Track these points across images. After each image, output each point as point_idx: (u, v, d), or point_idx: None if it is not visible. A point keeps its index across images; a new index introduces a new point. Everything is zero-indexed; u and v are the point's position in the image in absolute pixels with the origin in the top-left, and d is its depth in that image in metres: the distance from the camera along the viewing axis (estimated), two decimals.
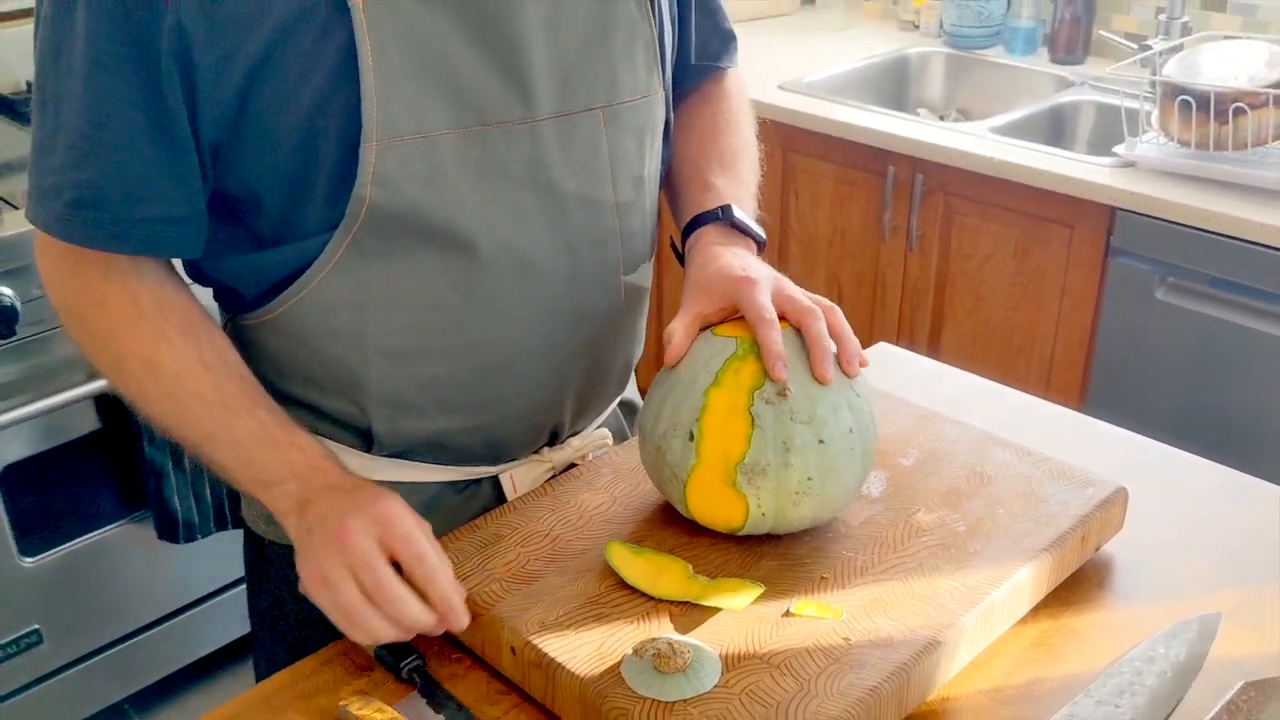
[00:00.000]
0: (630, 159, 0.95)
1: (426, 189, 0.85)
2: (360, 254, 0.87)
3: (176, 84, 0.80)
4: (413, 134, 0.83)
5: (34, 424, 1.75)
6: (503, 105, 0.86)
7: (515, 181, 0.89)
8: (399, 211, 0.85)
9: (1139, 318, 1.80)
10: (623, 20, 0.91)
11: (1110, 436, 1.14)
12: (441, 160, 0.85)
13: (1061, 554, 0.90)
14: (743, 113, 1.11)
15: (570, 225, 0.92)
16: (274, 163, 0.84)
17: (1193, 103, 1.68)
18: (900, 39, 2.53)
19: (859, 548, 0.89)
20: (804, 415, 0.85)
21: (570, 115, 0.90)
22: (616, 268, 0.97)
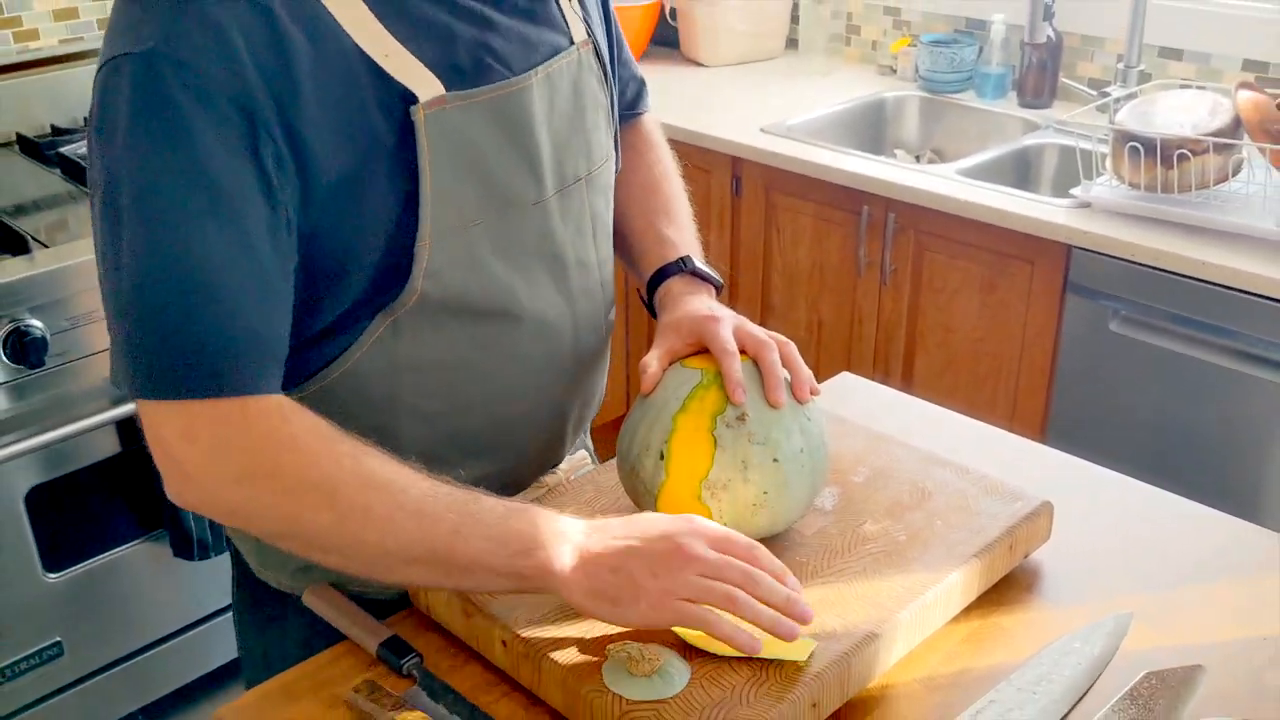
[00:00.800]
0: (603, 216, 1.08)
1: (467, 274, 0.94)
2: (396, 332, 0.94)
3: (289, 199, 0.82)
4: (455, 225, 0.92)
5: (59, 448, 1.84)
6: (522, 190, 0.97)
7: (529, 253, 0.99)
8: (443, 298, 0.93)
9: (1094, 349, 1.92)
10: (589, 95, 1.03)
11: (1046, 456, 1.25)
12: (477, 247, 0.94)
13: (990, 560, 1.01)
14: (668, 157, 1.24)
15: (570, 284, 1.04)
16: (332, 270, 0.89)
17: (1141, 148, 1.81)
18: (878, 83, 2.65)
19: (810, 554, 1.00)
20: (760, 437, 0.97)
21: (565, 189, 1.02)
22: (600, 308, 1.10)
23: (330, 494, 0.81)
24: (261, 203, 0.82)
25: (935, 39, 2.55)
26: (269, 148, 0.81)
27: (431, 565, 0.84)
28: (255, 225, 0.82)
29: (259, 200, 0.81)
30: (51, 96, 2.32)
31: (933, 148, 2.56)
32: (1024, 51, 2.40)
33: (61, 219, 2.05)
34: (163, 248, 0.80)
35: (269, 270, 0.84)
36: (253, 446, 0.82)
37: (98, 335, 1.86)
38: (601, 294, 1.10)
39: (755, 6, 2.78)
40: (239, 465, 0.82)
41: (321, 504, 0.82)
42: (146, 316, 0.81)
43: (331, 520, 0.82)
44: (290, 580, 1.07)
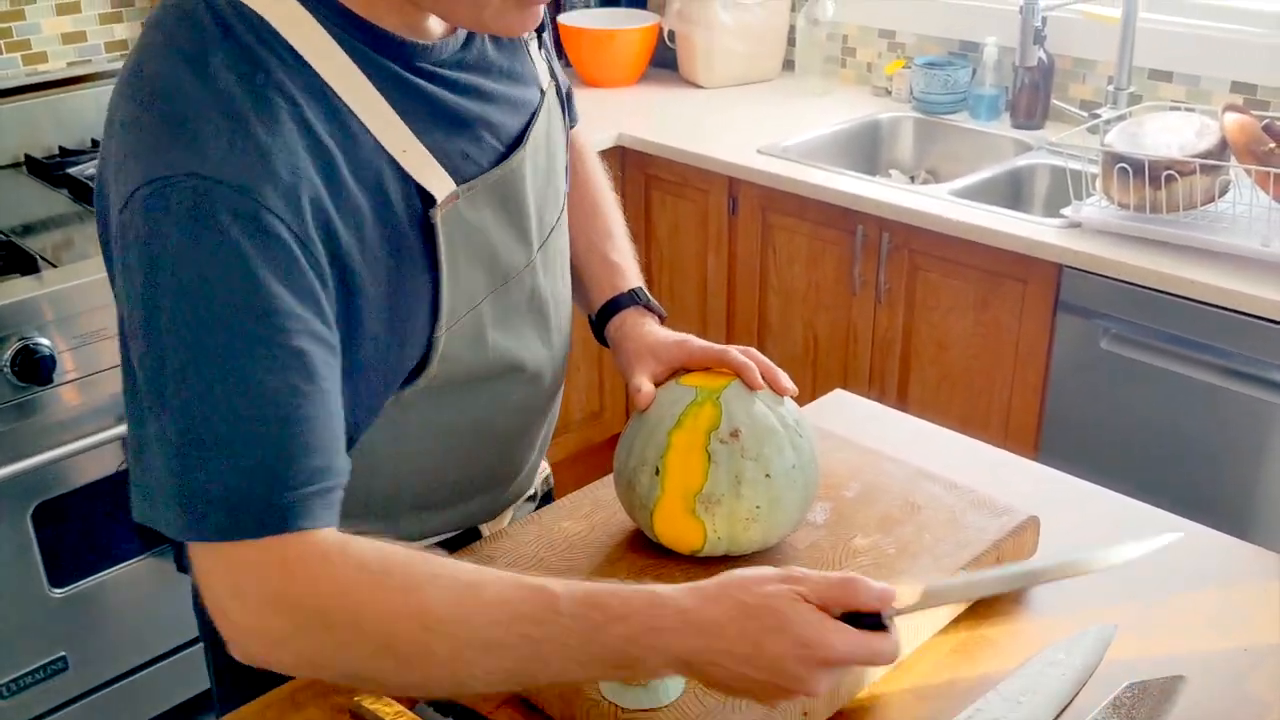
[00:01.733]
0: (564, 247, 1.09)
1: (473, 350, 0.95)
2: (400, 406, 0.94)
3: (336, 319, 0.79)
4: (467, 311, 0.93)
5: (65, 465, 1.86)
6: (518, 260, 0.98)
7: (522, 315, 1.01)
8: (452, 375, 0.94)
9: (1085, 367, 1.95)
10: (557, 139, 1.04)
11: (1035, 473, 1.28)
12: (483, 322, 0.96)
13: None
14: (598, 168, 1.25)
15: (550, 331, 1.06)
16: (361, 368, 0.87)
17: (1129, 169, 1.84)
18: (873, 104, 2.69)
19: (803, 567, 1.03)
20: (753, 453, 0.99)
21: (545, 241, 1.03)
22: (567, 343, 1.12)
23: (388, 641, 0.74)
24: (317, 326, 0.77)
25: (929, 61, 2.59)
26: (319, 273, 0.78)
27: (514, 684, 0.80)
28: (313, 351, 0.76)
29: (315, 325, 0.77)
30: (59, 118, 2.35)
31: (927, 168, 2.60)
32: (1017, 73, 2.44)
33: (69, 239, 2.07)
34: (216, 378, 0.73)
35: (329, 396, 0.78)
36: (299, 595, 0.74)
37: (105, 353, 1.88)
38: (568, 324, 1.12)
39: (752, 29, 2.81)
40: (286, 621, 0.75)
41: (381, 653, 0.75)
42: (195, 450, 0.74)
43: (395, 666, 0.75)
44: None
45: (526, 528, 1.09)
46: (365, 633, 0.74)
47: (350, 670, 0.77)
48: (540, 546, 1.06)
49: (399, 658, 0.75)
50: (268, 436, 0.74)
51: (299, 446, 0.75)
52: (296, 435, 0.75)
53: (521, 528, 1.09)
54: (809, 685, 0.74)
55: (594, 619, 0.74)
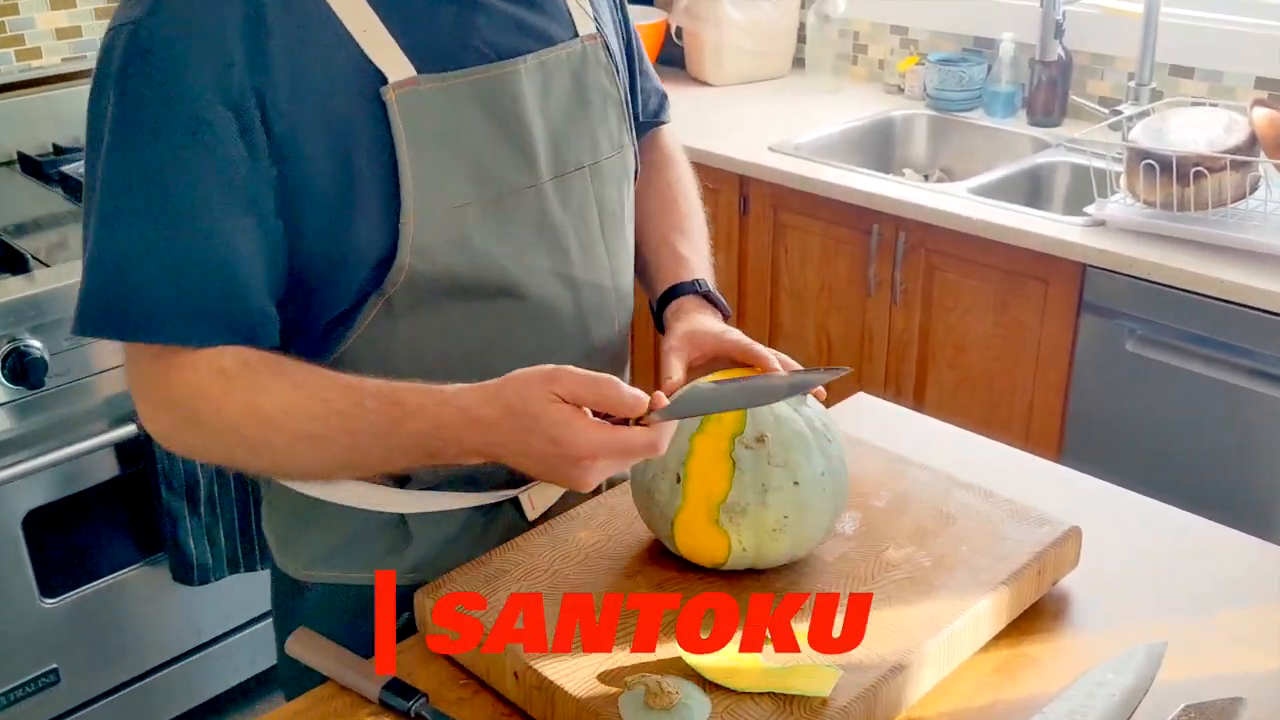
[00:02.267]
0: (613, 206, 1.07)
1: (457, 254, 0.94)
2: (390, 315, 0.95)
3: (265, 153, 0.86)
4: (442, 206, 0.93)
5: (56, 471, 1.82)
6: (514, 174, 0.98)
7: (526, 237, 0.99)
8: (433, 275, 0.94)
9: (1110, 369, 1.89)
10: (595, 88, 1.04)
11: (1070, 479, 1.22)
12: (467, 227, 0.95)
13: (1018, 587, 0.98)
14: (688, 174, 1.26)
15: (573, 270, 1.03)
16: (324, 250, 0.91)
17: (1156, 166, 1.78)
18: (886, 102, 2.64)
19: (833, 581, 0.97)
20: (780, 459, 0.93)
21: (564, 175, 1.02)
22: (611, 301, 1.08)
23: (237, 434, 0.87)
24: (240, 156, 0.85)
25: (944, 58, 2.54)
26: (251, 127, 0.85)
27: (356, 471, 0.92)
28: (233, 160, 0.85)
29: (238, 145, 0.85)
30: (53, 115, 2.30)
31: (941, 167, 2.54)
32: (1034, 70, 2.38)
33: (62, 238, 2.02)
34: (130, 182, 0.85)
35: (246, 229, 0.87)
36: (174, 398, 0.88)
37: (98, 356, 1.83)
38: (612, 287, 1.08)
39: (761, 25, 2.76)
40: (173, 416, 0.90)
41: (236, 443, 0.88)
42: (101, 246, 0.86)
43: (249, 456, 0.89)
44: (305, 569, 1.06)
45: (539, 538, 1.03)
46: (222, 429, 0.88)
47: (221, 458, 0.91)
48: (554, 558, 1.00)
49: (250, 448, 0.88)
50: (174, 245, 0.85)
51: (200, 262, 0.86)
52: (202, 251, 0.85)
53: (534, 537, 1.03)
54: (574, 479, 0.84)
55: (394, 414, 0.85)
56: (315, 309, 0.96)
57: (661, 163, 1.24)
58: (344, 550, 1.05)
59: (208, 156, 0.85)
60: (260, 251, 0.89)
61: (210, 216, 0.86)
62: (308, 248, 0.92)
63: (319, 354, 0.97)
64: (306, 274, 0.93)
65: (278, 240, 0.90)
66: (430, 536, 1.06)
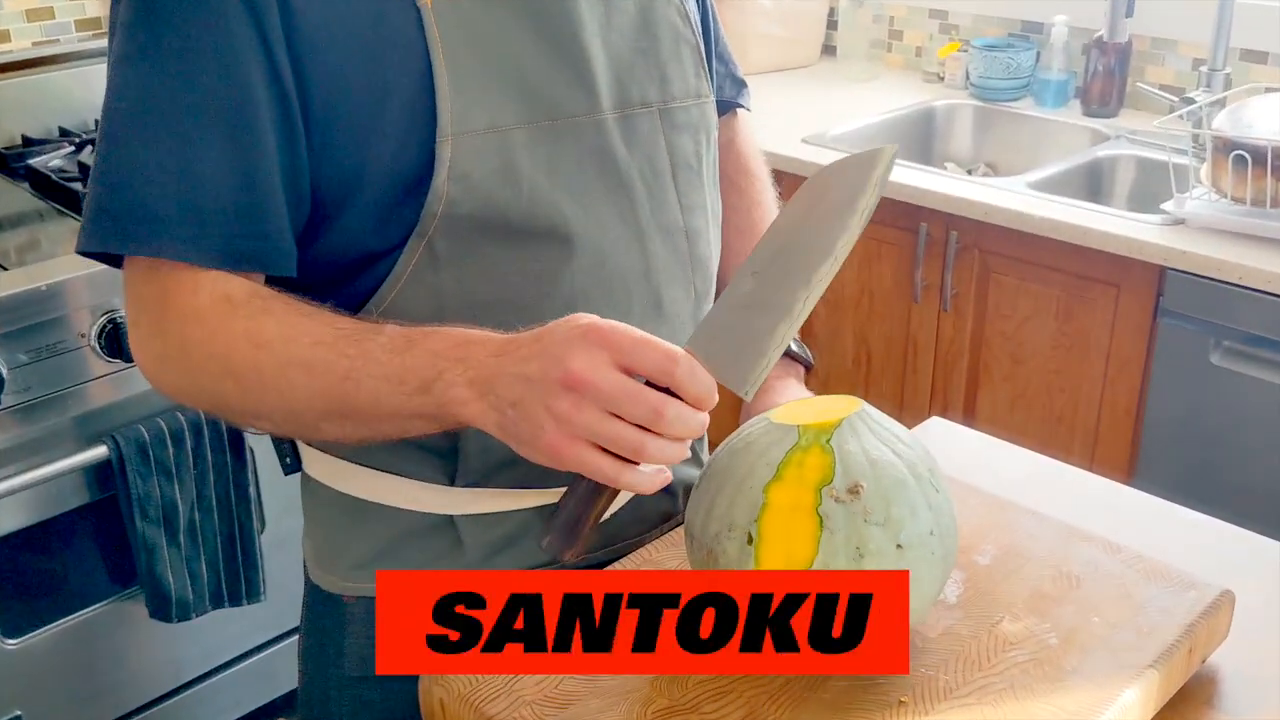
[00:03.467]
0: (688, 157, 0.96)
1: (502, 184, 0.85)
2: (433, 261, 0.85)
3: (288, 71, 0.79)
4: (486, 129, 0.84)
5: (18, 497, 1.64)
6: (569, 100, 0.88)
7: (585, 173, 0.89)
8: (475, 209, 0.84)
9: (1192, 384, 1.71)
10: (665, 24, 0.95)
11: (1200, 527, 1.03)
12: (514, 155, 0.85)
13: (1169, 670, 0.79)
14: (768, 191, 1.14)
15: (640, 219, 0.92)
16: (353, 170, 0.82)
17: (1248, 158, 1.60)
18: (925, 91, 2.45)
19: (940, 664, 0.78)
20: (879, 516, 0.74)
21: (629, 112, 0.92)
22: (686, 262, 0.96)
23: (225, 360, 0.80)
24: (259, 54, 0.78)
25: (989, 43, 2.35)
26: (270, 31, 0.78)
27: (341, 419, 0.80)
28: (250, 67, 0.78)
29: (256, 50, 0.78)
30: (23, 104, 2.12)
31: (986, 161, 2.36)
32: (1089, 56, 2.20)
33: (32, 239, 1.86)
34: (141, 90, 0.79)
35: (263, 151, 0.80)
36: (167, 323, 0.81)
37: (65, 369, 1.66)
38: (688, 246, 0.96)
39: (790, 11, 2.58)
40: (162, 344, 0.82)
41: (223, 373, 0.80)
42: (109, 156, 0.80)
43: (235, 389, 0.81)
44: (344, 580, 0.96)
45: None
46: (210, 355, 0.80)
47: (208, 396, 0.82)
48: None
49: (236, 378, 0.80)
50: (185, 157, 0.78)
51: (212, 177, 0.79)
52: (214, 165, 0.79)
53: None
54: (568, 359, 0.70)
55: (411, 336, 0.78)
56: (350, 248, 0.86)
57: (742, 181, 1.12)
58: (387, 556, 0.94)
59: (221, 61, 0.78)
60: (278, 169, 0.81)
61: (225, 128, 0.79)
62: (334, 169, 0.83)
63: (358, 298, 0.87)
64: (335, 201, 0.84)
65: (299, 158, 0.82)
66: (481, 541, 0.94)
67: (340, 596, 0.95)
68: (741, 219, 1.10)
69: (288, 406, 0.80)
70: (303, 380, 0.78)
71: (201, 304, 0.80)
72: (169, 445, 1.69)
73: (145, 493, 1.69)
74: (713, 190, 1.01)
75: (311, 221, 0.85)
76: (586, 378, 0.70)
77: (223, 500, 1.77)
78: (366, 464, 0.92)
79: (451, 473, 0.91)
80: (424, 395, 0.76)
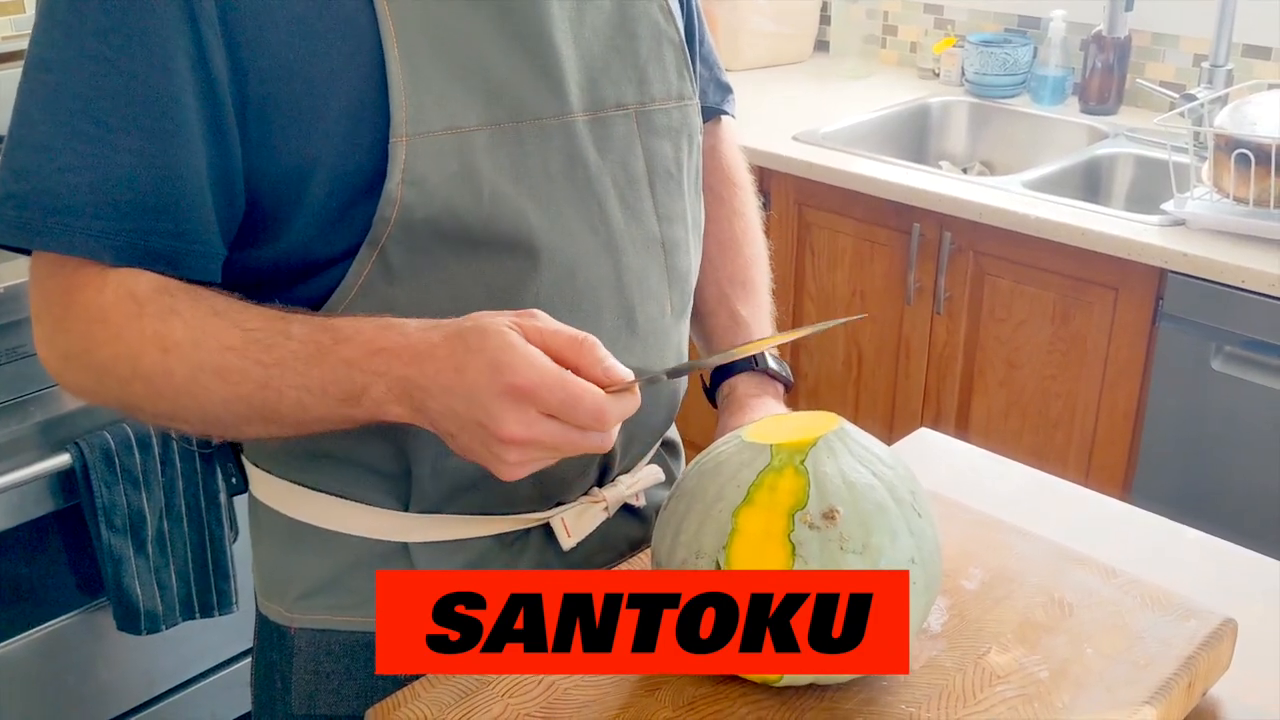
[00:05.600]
0: (667, 163, 0.91)
1: (461, 188, 0.79)
2: (386, 273, 0.79)
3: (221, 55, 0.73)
4: (444, 129, 0.78)
5: None
6: (536, 101, 0.82)
7: (552, 180, 0.83)
8: (432, 216, 0.78)
9: (1192, 391, 1.65)
10: (645, 21, 0.89)
11: (1200, 546, 0.98)
12: (475, 158, 0.80)
13: (1167, 706, 0.74)
14: (751, 200, 1.10)
15: (611, 227, 0.86)
16: (296, 169, 0.77)
17: (1251, 156, 1.54)
18: (919, 88, 2.40)
19: (922, 700, 0.73)
20: (856, 543, 0.69)
21: (603, 114, 0.87)
22: (663, 275, 0.90)
23: (134, 364, 0.75)
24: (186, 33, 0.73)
25: (985, 39, 2.30)
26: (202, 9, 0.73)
27: (265, 423, 0.75)
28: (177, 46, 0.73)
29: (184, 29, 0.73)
30: None
31: (981, 159, 2.31)
32: (1087, 51, 2.15)
33: None
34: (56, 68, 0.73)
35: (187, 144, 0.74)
36: (71, 322, 0.76)
37: (26, 375, 1.61)
38: (665, 258, 0.90)
39: (782, 6, 2.53)
40: (67, 343, 0.77)
41: (131, 376, 0.75)
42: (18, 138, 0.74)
43: (145, 391, 0.76)
44: (290, 610, 0.90)
45: None
46: (117, 358, 0.75)
47: (116, 398, 0.78)
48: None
49: (146, 382, 0.75)
50: (99, 143, 0.73)
51: (127, 168, 0.73)
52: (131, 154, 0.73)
53: None
54: (499, 421, 0.67)
55: (322, 341, 0.73)
56: (295, 255, 0.80)
57: (725, 191, 1.07)
58: (335, 585, 0.88)
59: (145, 43, 0.73)
60: (205, 162, 0.75)
61: (145, 116, 0.73)
62: (274, 166, 0.77)
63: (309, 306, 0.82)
64: (277, 202, 0.78)
65: (230, 152, 0.76)
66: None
67: (287, 628, 0.90)
68: (723, 230, 1.05)
69: (204, 412, 0.76)
70: (218, 387, 0.74)
71: (106, 302, 0.75)
72: (135, 452, 1.64)
73: (111, 501, 1.63)
74: (695, 199, 0.95)
75: (251, 224, 0.79)
76: (523, 437, 0.68)
77: (192, 508, 1.72)
78: (315, 488, 0.86)
79: (405, 497, 0.85)
80: (352, 406, 0.72)
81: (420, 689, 0.74)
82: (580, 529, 0.90)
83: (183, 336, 0.74)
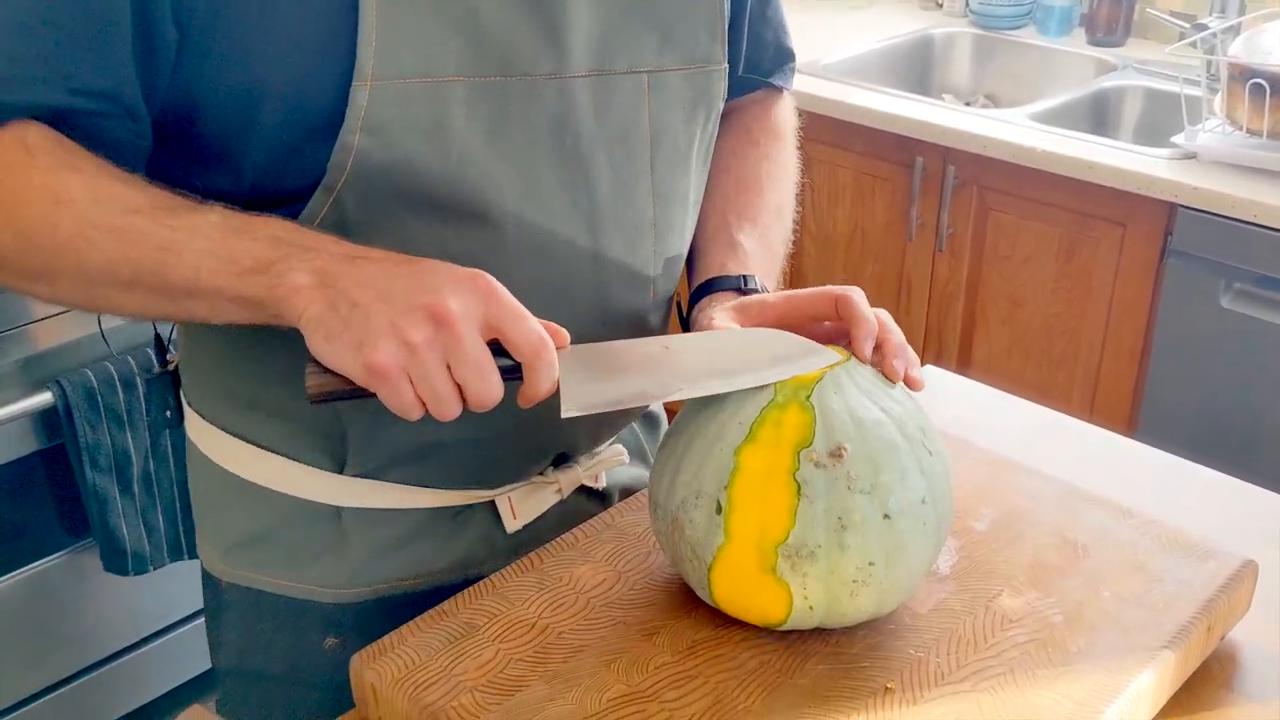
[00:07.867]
0: (674, 136, 0.82)
1: (427, 142, 0.73)
2: (342, 222, 0.74)
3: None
4: (417, 76, 0.72)
5: None
6: (530, 55, 0.75)
7: (535, 144, 0.76)
8: (391, 167, 0.72)
9: (1200, 328, 1.62)
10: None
11: (1216, 486, 0.95)
12: (448, 110, 0.73)
13: (1185, 651, 0.71)
14: (788, 157, 0.98)
15: (597, 204, 0.79)
16: (245, 94, 0.71)
17: (1266, 86, 1.50)
18: (921, 18, 2.34)
19: (930, 645, 0.70)
20: (864, 482, 0.66)
21: (609, 75, 0.78)
22: (649, 261, 0.84)
23: (12, 212, 0.69)
24: None
25: None
26: None
27: (145, 291, 0.70)
28: None
29: None
30: None
31: (986, 92, 2.25)
32: None
33: None
34: None
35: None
36: None
37: (6, 311, 1.58)
38: (654, 243, 0.83)
39: None
40: None
41: (15, 235, 0.70)
42: None
43: (16, 245, 0.70)
44: (222, 560, 0.88)
45: (523, 576, 0.76)
46: (5, 209, 0.70)
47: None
48: (543, 605, 0.73)
49: (20, 235, 0.70)
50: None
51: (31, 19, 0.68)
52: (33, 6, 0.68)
53: (517, 576, 0.76)
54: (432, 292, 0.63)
55: (249, 219, 0.69)
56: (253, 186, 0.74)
57: (761, 135, 0.95)
58: (264, 542, 0.86)
59: None
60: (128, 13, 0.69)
61: None
62: (220, 86, 0.71)
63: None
64: (225, 130, 0.73)
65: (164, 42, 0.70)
66: (369, 540, 0.85)
67: (219, 581, 0.87)
68: (748, 170, 0.93)
69: (79, 271, 0.70)
70: (109, 245, 0.68)
71: (3, 155, 0.69)
72: (119, 390, 1.60)
73: (95, 441, 1.60)
74: (700, 176, 0.88)
75: (200, 154, 0.74)
76: (454, 319, 0.63)
77: (179, 448, 1.68)
78: (250, 440, 0.83)
79: (341, 458, 0.81)
80: (258, 275, 0.66)
81: (407, 633, 0.71)
82: (528, 511, 0.86)
83: (80, 194, 0.68)
